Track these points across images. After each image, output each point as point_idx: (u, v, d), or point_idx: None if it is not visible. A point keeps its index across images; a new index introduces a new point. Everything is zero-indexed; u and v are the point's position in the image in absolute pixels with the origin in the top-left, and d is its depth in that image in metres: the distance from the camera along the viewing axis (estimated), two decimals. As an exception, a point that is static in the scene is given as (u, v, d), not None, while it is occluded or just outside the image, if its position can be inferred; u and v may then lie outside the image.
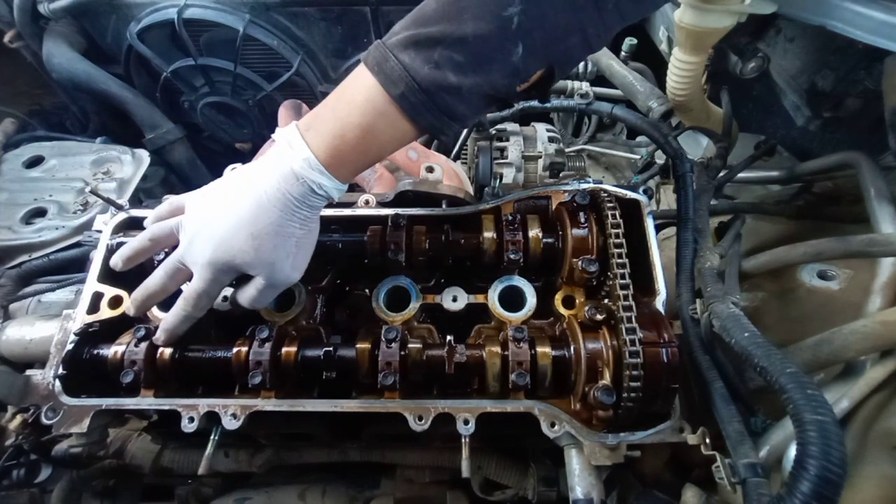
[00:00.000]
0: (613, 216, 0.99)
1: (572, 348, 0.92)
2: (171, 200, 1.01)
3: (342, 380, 0.97)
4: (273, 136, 0.90)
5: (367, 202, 1.12)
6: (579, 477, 0.90)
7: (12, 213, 1.64)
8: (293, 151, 0.84)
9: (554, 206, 1.10)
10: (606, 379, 0.86)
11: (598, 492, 0.89)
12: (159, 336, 0.95)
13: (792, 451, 0.70)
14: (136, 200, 1.85)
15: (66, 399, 0.95)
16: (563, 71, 0.90)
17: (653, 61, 1.92)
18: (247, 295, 0.91)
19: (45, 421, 0.94)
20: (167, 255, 0.99)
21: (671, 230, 1.34)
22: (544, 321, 1.05)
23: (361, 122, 0.82)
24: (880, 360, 0.87)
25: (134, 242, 0.97)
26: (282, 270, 0.88)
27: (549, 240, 1.04)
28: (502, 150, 1.76)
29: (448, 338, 1.06)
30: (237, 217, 0.85)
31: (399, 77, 0.79)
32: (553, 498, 1.12)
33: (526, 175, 1.75)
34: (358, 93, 0.83)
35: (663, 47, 1.78)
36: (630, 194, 1.08)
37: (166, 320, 0.94)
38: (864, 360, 0.89)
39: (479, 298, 1.04)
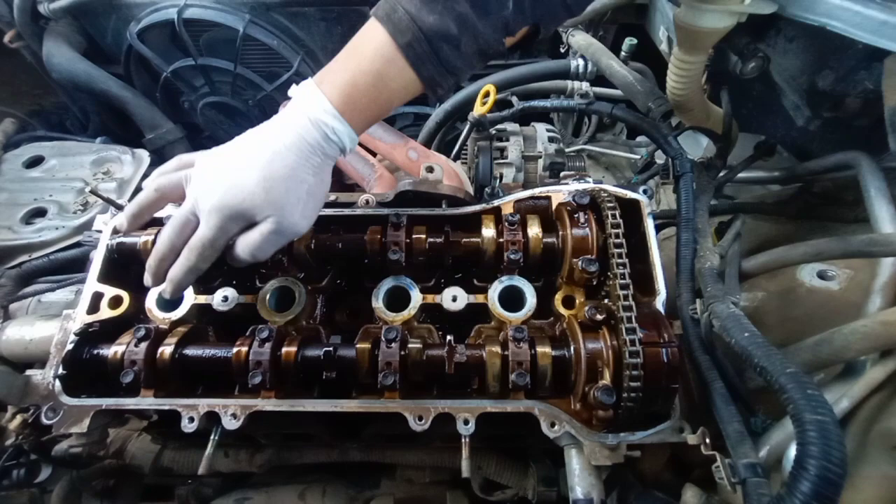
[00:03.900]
0: (613, 216, 0.99)
1: (572, 348, 0.92)
2: (179, 157, 0.98)
3: (342, 380, 0.97)
4: (289, 92, 0.91)
5: (367, 202, 1.12)
6: (579, 477, 0.90)
7: (12, 213, 1.64)
8: (308, 100, 0.87)
9: (554, 206, 1.10)
10: (606, 379, 0.86)
11: (598, 492, 0.89)
12: (165, 287, 0.91)
13: (792, 451, 0.70)
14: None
15: (66, 399, 0.95)
16: (547, 29, 0.98)
17: (653, 61, 1.92)
18: (249, 240, 0.87)
19: (45, 421, 0.94)
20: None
21: (671, 230, 1.34)
22: (544, 321, 1.05)
23: (371, 68, 0.87)
24: (880, 360, 0.87)
25: (139, 197, 0.95)
26: (291, 215, 0.86)
27: (549, 240, 1.04)
28: (502, 150, 1.76)
29: (448, 338, 1.06)
30: (250, 162, 0.85)
31: (406, 27, 0.85)
32: (553, 498, 1.12)
33: (526, 175, 1.74)
34: (368, 43, 0.88)
35: (663, 47, 1.78)
36: (630, 194, 1.08)
37: (172, 272, 0.90)
38: (864, 360, 0.89)
39: (479, 298, 1.04)
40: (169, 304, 1.04)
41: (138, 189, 1.81)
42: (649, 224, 1.05)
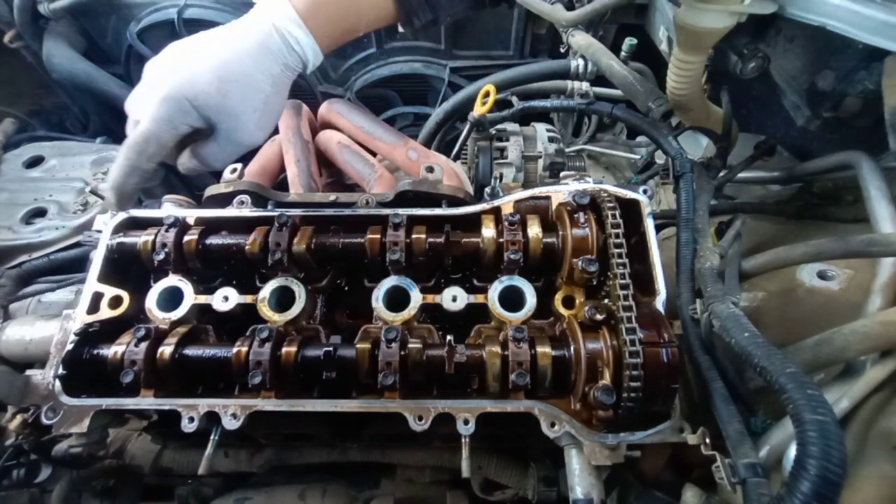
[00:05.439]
0: (613, 216, 0.99)
1: (572, 348, 0.92)
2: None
3: (342, 380, 0.97)
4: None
5: (367, 202, 1.12)
6: (579, 477, 0.90)
7: (12, 213, 1.64)
8: (273, 5, 0.82)
9: (554, 206, 1.10)
10: (606, 379, 0.86)
11: (598, 492, 0.89)
12: (108, 197, 0.86)
13: (792, 451, 0.70)
14: (136, 200, 1.85)
15: (66, 399, 0.95)
16: None
17: (653, 61, 1.91)
18: (206, 150, 0.84)
19: (45, 421, 0.94)
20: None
21: (671, 230, 1.34)
22: (544, 321, 1.05)
23: None
24: (880, 360, 0.87)
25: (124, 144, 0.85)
26: (246, 126, 0.82)
27: (549, 240, 1.04)
28: (502, 150, 1.76)
29: (448, 338, 1.06)
30: (206, 60, 0.80)
31: None
32: (553, 498, 1.12)
33: (526, 175, 1.75)
34: None
35: (663, 47, 1.78)
36: (630, 194, 1.08)
37: (110, 175, 0.84)
38: (864, 360, 0.89)
39: (479, 298, 1.04)
40: (169, 304, 1.04)
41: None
42: (649, 224, 1.05)
